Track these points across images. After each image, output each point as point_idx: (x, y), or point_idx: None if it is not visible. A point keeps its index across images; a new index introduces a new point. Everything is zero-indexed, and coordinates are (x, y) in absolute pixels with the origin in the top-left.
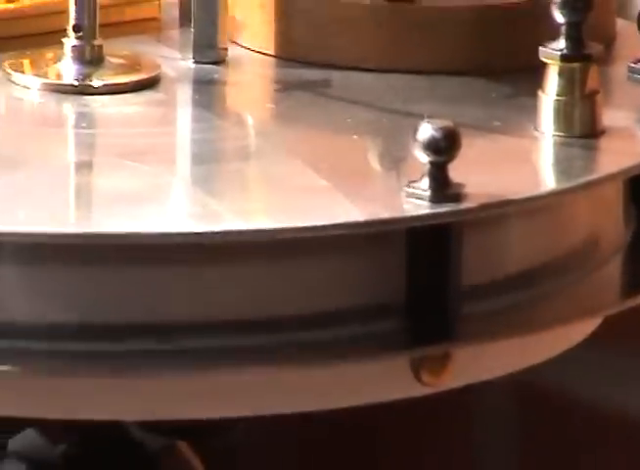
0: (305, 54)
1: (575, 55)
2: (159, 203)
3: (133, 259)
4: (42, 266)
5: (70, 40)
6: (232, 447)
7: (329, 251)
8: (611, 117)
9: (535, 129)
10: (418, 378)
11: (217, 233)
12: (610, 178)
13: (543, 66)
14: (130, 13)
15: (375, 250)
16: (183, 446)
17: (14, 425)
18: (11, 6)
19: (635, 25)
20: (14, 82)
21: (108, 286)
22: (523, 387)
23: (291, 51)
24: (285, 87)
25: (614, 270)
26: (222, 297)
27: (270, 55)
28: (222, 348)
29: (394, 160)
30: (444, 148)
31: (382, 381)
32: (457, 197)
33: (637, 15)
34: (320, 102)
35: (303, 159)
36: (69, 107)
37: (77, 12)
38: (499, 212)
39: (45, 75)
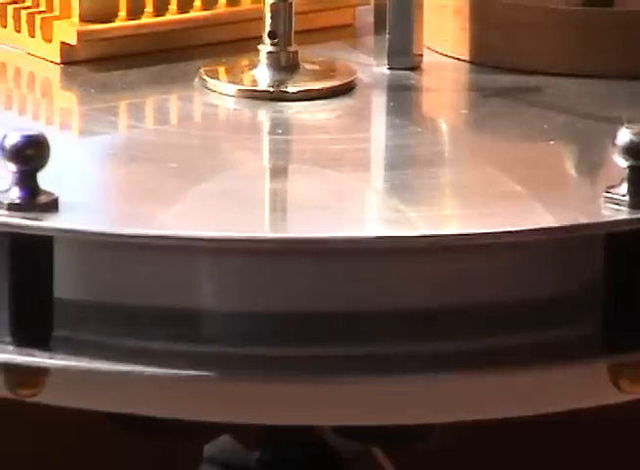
0: (500, 59)
1: None
2: (352, 209)
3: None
4: (238, 276)
5: (266, 47)
6: (427, 453)
7: (524, 258)
8: None
9: None
10: (616, 385)
11: (410, 238)
12: None
13: None
14: (325, 19)
15: (572, 256)
16: (378, 453)
17: (210, 431)
18: (206, 13)
19: None
20: (210, 89)
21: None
22: None
23: (485, 56)
24: (480, 93)
25: None
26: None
27: (464, 60)
28: (414, 353)
29: (592, 165)
30: None
31: (579, 387)
32: None
33: None
34: (515, 107)
35: (499, 165)
36: (264, 113)
37: (273, 19)
38: None
39: (240, 82)
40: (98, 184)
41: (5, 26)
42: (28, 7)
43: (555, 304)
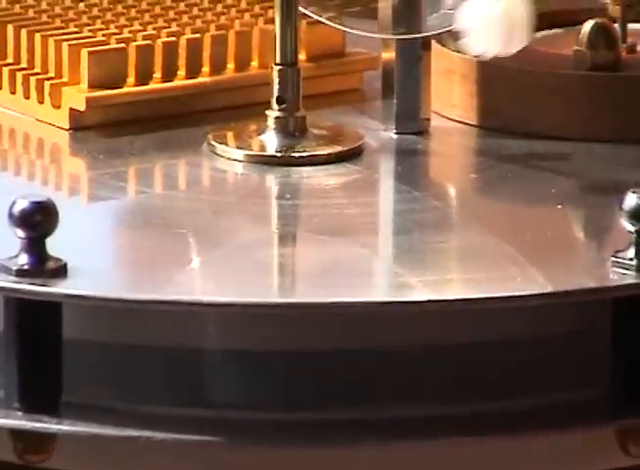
0: (507, 124)
1: None
2: (359, 274)
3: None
4: (246, 341)
5: (274, 112)
6: None
7: (532, 320)
8: None
9: None
10: (624, 449)
11: (415, 303)
12: None
13: None
14: (333, 84)
15: (581, 319)
16: None
17: None
18: (214, 78)
19: None
20: (218, 154)
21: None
22: None
23: (493, 121)
24: (487, 157)
25: None
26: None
27: (472, 125)
28: (414, 417)
29: (599, 229)
30: None
31: (587, 451)
32: None
33: None
34: (523, 172)
35: (506, 229)
36: (272, 178)
37: (280, 84)
38: None
39: (248, 147)
40: (106, 250)
41: (14, 93)
42: (37, 73)
43: (563, 367)
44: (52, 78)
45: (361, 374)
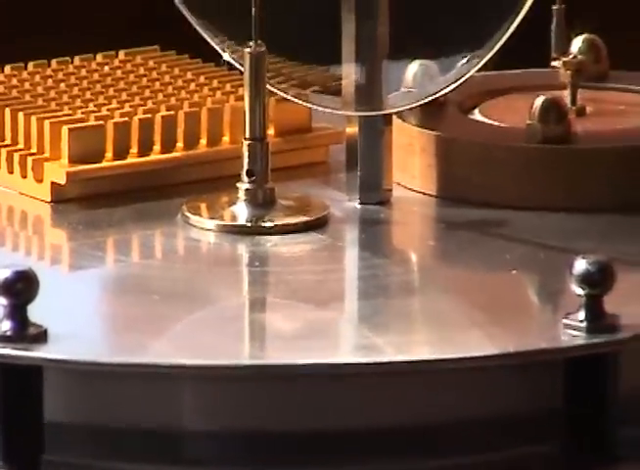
0: (464, 194)
1: None
2: (327, 337)
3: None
4: (219, 399)
5: (244, 184)
6: None
7: (488, 380)
8: None
9: None
10: None
11: (380, 364)
12: None
13: None
14: (300, 157)
15: (532, 380)
16: None
17: None
18: (188, 153)
19: None
20: (192, 224)
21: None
22: None
23: (450, 191)
24: (446, 226)
25: None
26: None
27: (431, 195)
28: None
29: (551, 293)
30: (599, 281)
31: None
32: (612, 328)
33: None
34: (479, 239)
35: (464, 294)
36: (243, 247)
37: (250, 157)
38: None
39: (220, 218)
40: (86, 316)
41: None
42: (20, 149)
43: (518, 424)
44: (34, 154)
45: (317, 432)
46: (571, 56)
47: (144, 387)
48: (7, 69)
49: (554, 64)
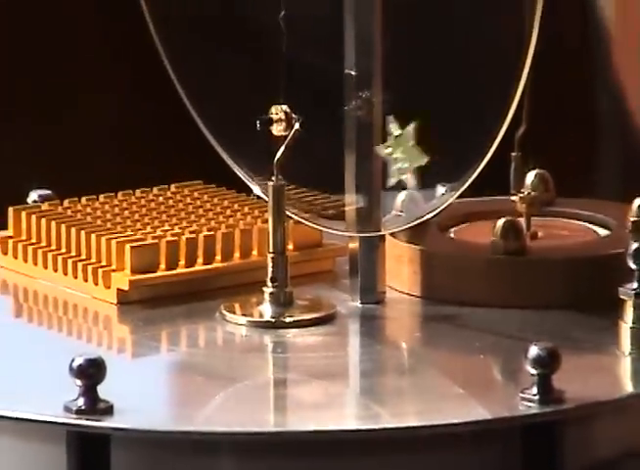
0: (443, 295)
1: None
2: (336, 408)
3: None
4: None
5: (269, 288)
6: None
7: (460, 445)
8: None
9: (617, 349)
10: None
11: (378, 430)
12: None
13: (623, 301)
14: (312, 267)
15: (495, 443)
16: None
17: None
18: (225, 264)
19: None
20: (228, 321)
21: None
22: None
23: (432, 293)
24: (429, 320)
25: None
26: None
27: (417, 296)
28: None
29: (511, 372)
30: (548, 363)
31: None
32: (560, 400)
33: None
34: (455, 331)
35: (443, 373)
36: (269, 338)
37: (274, 267)
38: (592, 411)
39: (250, 315)
40: (144, 394)
41: (76, 277)
42: (93, 263)
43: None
44: (104, 266)
45: None
46: (525, 192)
47: (192, 453)
48: (83, 200)
49: (512, 198)
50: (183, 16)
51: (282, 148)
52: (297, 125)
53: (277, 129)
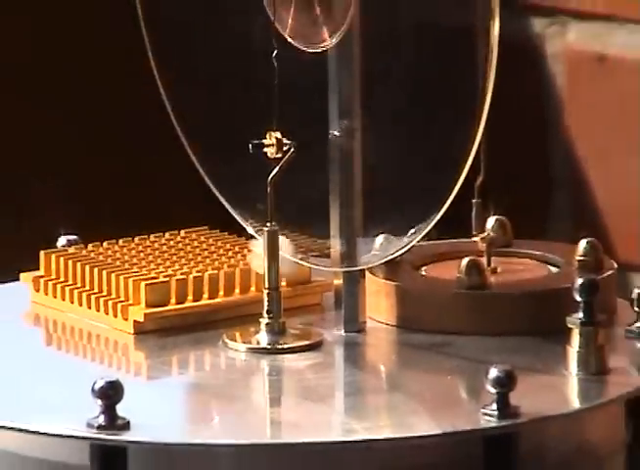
0: (416, 325)
1: (590, 322)
2: (323, 423)
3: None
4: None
5: (265, 320)
6: None
7: (428, 454)
8: (614, 361)
9: (565, 370)
10: None
11: (357, 442)
12: (616, 400)
13: (570, 329)
14: (303, 300)
15: (460, 452)
16: None
17: None
18: (226, 299)
19: (628, 303)
20: (230, 348)
21: None
22: None
23: (407, 323)
24: (403, 346)
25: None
26: None
27: (393, 325)
28: None
29: (474, 391)
30: (506, 383)
31: None
32: (516, 415)
33: (630, 296)
34: (427, 355)
35: (416, 392)
36: (265, 362)
37: (269, 301)
38: (543, 424)
39: (249, 342)
40: (158, 411)
41: (98, 311)
42: (112, 298)
43: None
44: (122, 301)
45: None
46: (485, 234)
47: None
48: (104, 244)
49: (475, 240)
50: (189, 68)
51: (276, 168)
52: (291, 149)
53: (270, 153)
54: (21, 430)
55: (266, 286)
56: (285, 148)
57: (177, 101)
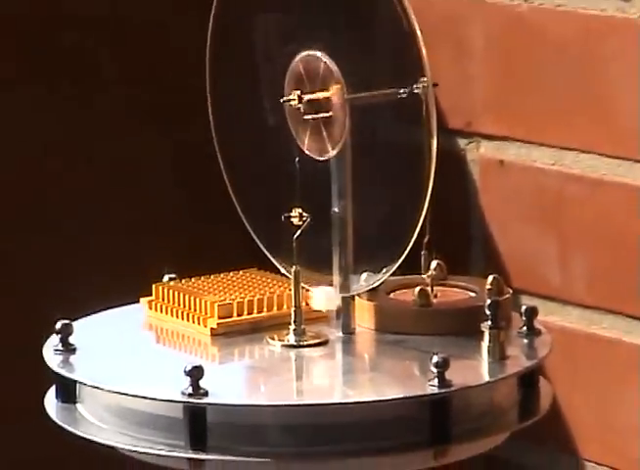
0: (388, 329)
1: (495, 327)
2: (325, 391)
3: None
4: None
5: (292, 326)
6: None
7: (391, 413)
8: (510, 351)
9: (480, 357)
10: None
11: (348, 403)
12: (512, 376)
13: (483, 332)
14: (315, 314)
15: (415, 409)
16: None
17: None
18: (270, 313)
19: (519, 314)
20: (270, 344)
21: None
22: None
23: (383, 328)
24: (380, 343)
25: (512, 416)
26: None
27: (373, 329)
28: None
29: (423, 371)
30: (443, 366)
31: None
32: (449, 385)
33: (520, 310)
34: (395, 348)
35: (387, 371)
36: (293, 353)
37: (295, 315)
38: (467, 392)
39: (283, 340)
40: (229, 383)
41: (189, 321)
42: (198, 313)
43: (402, 428)
44: (203, 315)
45: None
46: (430, 272)
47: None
48: (193, 279)
49: (423, 276)
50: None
51: (299, 231)
52: (308, 219)
53: (295, 222)
54: (140, 396)
55: (294, 305)
56: (304, 219)
57: (238, 181)
